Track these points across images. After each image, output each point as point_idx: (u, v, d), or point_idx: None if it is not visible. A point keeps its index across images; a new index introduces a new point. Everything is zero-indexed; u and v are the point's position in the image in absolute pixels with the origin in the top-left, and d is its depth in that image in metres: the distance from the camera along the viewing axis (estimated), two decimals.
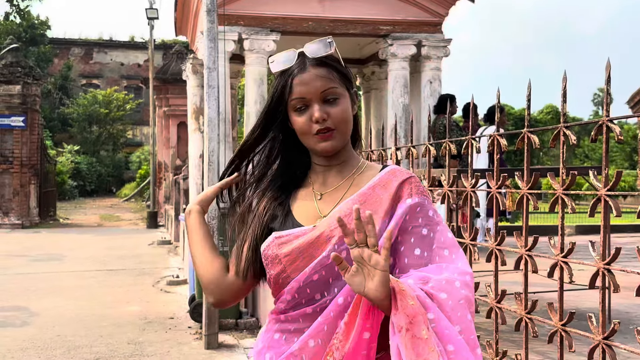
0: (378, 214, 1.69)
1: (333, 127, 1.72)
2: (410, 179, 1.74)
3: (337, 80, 1.76)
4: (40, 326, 7.43)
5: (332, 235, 1.67)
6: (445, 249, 1.69)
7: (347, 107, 1.76)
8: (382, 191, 1.72)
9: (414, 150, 4.24)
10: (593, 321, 2.64)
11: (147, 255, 13.80)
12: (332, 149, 1.74)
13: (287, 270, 1.70)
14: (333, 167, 1.82)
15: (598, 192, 2.58)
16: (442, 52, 10.24)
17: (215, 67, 6.65)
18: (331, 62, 1.78)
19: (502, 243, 3.26)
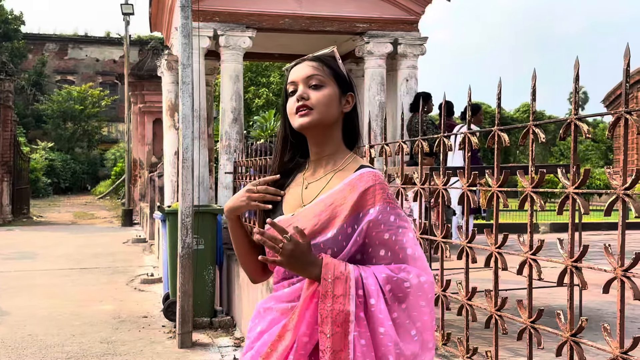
0: (339, 217, 1.93)
1: (311, 106, 1.97)
2: (374, 187, 1.95)
3: (326, 72, 2.03)
4: (11, 325, 7.35)
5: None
6: (408, 248, 1.94)
7: (329, 94, 2.01)
8: (347, 194, 1.95)
9: (388, 148, 4.26)
10: (561, 318, 2.68)
11: (121, 253, 13.72)
12: (307, 124, 1.97)
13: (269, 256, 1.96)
14: (322, 159, 2.06)
15: (566, 190, 2.61)
16: (418, 50, 10.27)
17: (189, 63, 6.62)
18: (327, 61, 2.06)
19: (474, 240, 3.29)
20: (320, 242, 1.92)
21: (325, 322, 1.81)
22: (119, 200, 29.63)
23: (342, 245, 1.92)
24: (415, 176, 3.78)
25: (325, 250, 1.92)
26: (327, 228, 1.93)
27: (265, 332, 1.99)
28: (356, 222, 1.91)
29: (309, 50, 8.62)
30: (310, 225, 1.94)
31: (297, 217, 1.98)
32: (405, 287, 1.87)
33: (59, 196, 36.08)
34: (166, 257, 7.47)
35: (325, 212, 1.94)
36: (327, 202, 1.96)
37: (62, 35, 48.10)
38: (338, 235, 1.91)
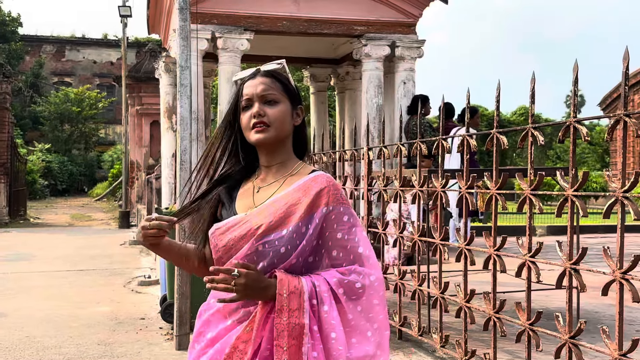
0: (294, 216, 2.00)
1: (267, 123, 2.07)
2: (329, 188, 2.04)
3: (279, 89, 2.12)
4: (8, 327, 7.33)
5: (255, 233, 2.01)
6: (359, 247, 2.03)
7: (284, 110, 2.10)
8: (302, 195, 2.03)
9: (386, 150, 4.27)
10: (560, 320, 2.68)
11: (118, 255, 13.68)
12: (264, 140, 2.08)
13: (223, 258, 2.06)
14: (273, 167, 2.15)
15: (565, 193, 2.61)
16: (415, 53, 10.29)
17: (187, 65, 6.62)
18: (279, 76, 2.15)
19: (472, 243, 3.29)
20: (275, 239, 1.99)
21: (282, 335, 1.89)
22: (116, 202, 29.59)
23: (296, 244, 1.99)
24: (413, 178, 3.79)
25: (279, 248, 1.99)
26: (283, 225, 2.00)
27: (218, 341, 2.05)
28: (310, 221, 2.00)
29: (307, 53, 8.70)
30: (265, 222, 2.00)
31: (250, 215, 2.05)
32: (357, 287, 1.97)
33: (56, 198, 36.00)
34: (163, 260, 7.46)
35: (280, 210, 2.01)
36: (281, 202, 2.03)
37: (59, 37, 48.04)
38: (293, 233, 1.99)
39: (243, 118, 2.11)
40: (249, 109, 2.10)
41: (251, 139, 2.09)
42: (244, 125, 2.11)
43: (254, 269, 1.94)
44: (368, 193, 4.69)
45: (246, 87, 2.12)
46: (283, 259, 1.99)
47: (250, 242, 2.00)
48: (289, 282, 1.93)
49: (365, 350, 1.94)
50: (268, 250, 1.99)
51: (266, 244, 1.99)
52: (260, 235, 2.00)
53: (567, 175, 2.67)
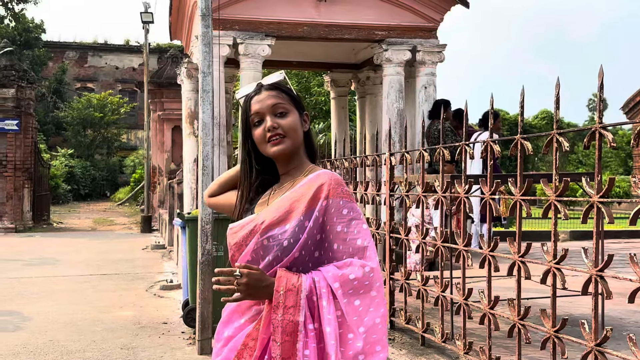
0: (296, 210, 2.08)
1: (283, 134, 2.14)
2: (329, 182, 2.10)
3: (286, 100, 2.19)
4: (33, 331, 7.40)
5: (259, 228, 2.10)
6: (358, 239, 2.06)
7: (295, 119, 2.18)
8: (306, 190, 2.11)
9: (408, 156, 4.25)
10: (586, 327, 2.65)
11: (140, 259, 13.77)
12: (282, 151, 2.16)
13: (235, 255, 2.17)
14: (289, 172, 2.23)
15: (591, 199, 2.59)
16: (437, 58, 10.26)
17: (210, 71, 6.65)
18: (282, 87, 2.22)
19: (496, 249, 3.27)
20: (279, 233, 2.07)
21: (277, 331, 1.95)
22: (138, 207, 29.77)
23: (299, 237, 2.05)
24: (436, 184, 3.77)
25: (282, 242, 2.05)
26: (286, 220, 2.08)
27: (232, 338, 2.14)
28: (311, 216, 2.06)
29: (327, 58, 8.73)
30: (269, 217, 2.09)
31: (259, 215, 2.15)
32: (351, 279, 1.99)
33: (79, 202, 36.30)
34: (185, 264, 7.49)
35: (284, 207, 2.10)
36: (286, 198, 2.12)
37: (82, 43, 48.49)
38: (296, 227, 2.05)
39: (256, 133, 2.18)
40: (260, 124, 2.17)
41: (269, 152, 2.17)
42: (259, 139, 2.17)
43: (256, 269, 2.02)
44: (390, 199, 4.68)
45: (254, 103, 2.18)
46: (287, 252, 2.06)
47: (255, 237, 2.10)
48: (287, 279, 1.99)
49: (356, 347, 1.95)
50: (272, 245, 2.07)
51: (270, 239, 2.07)
52: (264, 230, 2.08)
53: (593, 181, 2.65)
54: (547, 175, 3.03)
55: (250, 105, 2.19)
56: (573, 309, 5.81)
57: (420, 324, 4.24)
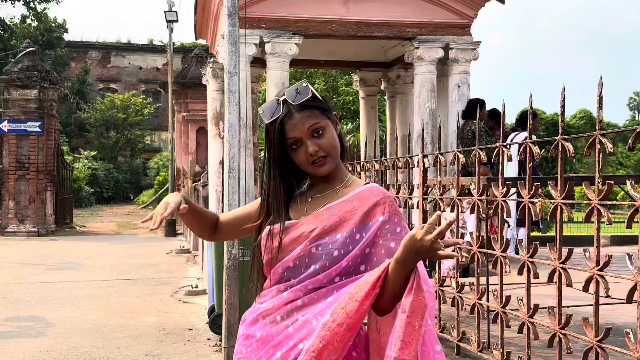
0: (348, 222, 2.11)
1: (325, 154, 2.18)
2: (385, 200, 2.14)
3: (319, 115, 2.20)
4: (56, 337, 7.49)
5: (309, 235, 2.13)
6: None
7: (332, 134, 2.21)
8: (357, 203, 2.15)
9: (442, 158, 4.23)
10: (631, 337, 2.61)
11: (165, 264, 13.87)
12: (328, 171, 2.21)
13: (274, 259, 2.19)
14: (326, 179, 2.26)
15: (636, 203, 2.55)
16: (470, 55, 10.19)
17: (236, 71, 6.67)
18: (310, 103, 2.20)
19: (535, 255, 3.24)
20: (329, 242, 2.11)
21: (417, 313, 1.89)
22: None
23: (349, 249, 2.09)
24: (472, 187, 3.74)
25: (332, 251, 2.10)
26: (336, 230, 2.12)
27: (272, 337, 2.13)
28: (364, 229, 2.10)
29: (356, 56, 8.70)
30: (320, 225, 2.13)
31: (303, 221, 2.19)
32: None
33: (102, 206, 36.68)
34: (211, 269, 7.53)
35: (334, 216, 2.14)
36: (336, 209, 2.16)
37: (105, 43, 48.96)
38: (347, 238, 2.09)
39: (297, 157, 2.20)
40: (299, 147, 2.18)
41: (315, 173, 2.21)
42: (302, 163, 2.20)
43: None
44: (423, 202, 4.66)
45: (290, 130, 2.17)
46: (334, 262, 2.08)
47: (303, 243, 2.13)
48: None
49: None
50: (321, 253, 2.11)
51: (319, 247, 2.11)
52: (315, 238, 2.12)
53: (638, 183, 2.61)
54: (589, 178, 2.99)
55: (284, 130, 2.19)
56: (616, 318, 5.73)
57: (455, 332, 4.21)
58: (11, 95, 20.59)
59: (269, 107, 2.23)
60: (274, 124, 2.20)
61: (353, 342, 2.06)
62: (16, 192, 20.62)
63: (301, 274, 2.13)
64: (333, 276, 2.08)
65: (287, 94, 2.21)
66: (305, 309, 2.09)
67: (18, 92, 20.55)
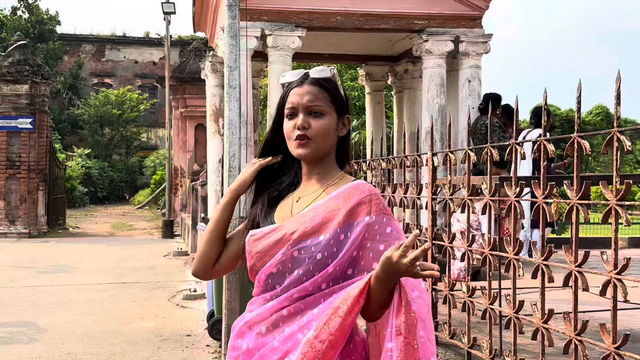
0: (332, 222, 2.07)
1: (310, 137, 2.15)
2: (371, 197, 2.10)
3: (326, 100, 2.18)
4: (48, 343, 7.50)
5: (290, 238, 2.09)
6: None
7: (328, 124, 2.18)
8: (342, 202, 2.10)
9: (452, 156, 4.23)
10: None
11: (162, 267, 13.89)
12: (305, 155, 2.18)
13: (257, 265, 2.17)
14: (313, 176, 2.23)
15: None
16: (481, 49, 10.19)
17: (236, 65, 6.68)
18: (327, 85, 2.20)
19: (550, 258, 3.23)
20: (312, 245, 2.06)
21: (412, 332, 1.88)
22: (158, 211, 30.04)
23: (333, 251, 2.04)
24: (483, 187, 3.74)
25: (315, 254, 2.05)
26: (320, 231, 2.07)
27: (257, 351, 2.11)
28: (349, 229, 2.05)
29: (362, 50, 8.73)
30: (301, 227, 2.08)
31: (288, 223, 2.14)
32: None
33: (96, 206, 36.74)
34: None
35: (317, 217, 2.09)
36: (319, 209, 2.11)
37: (99, 36, 49.00)
38: (330, 239, 2.05)
39: (285, 126, 2.20)
40: (292, 118, 2.18)
41: (293, 152, 2.19)
42: (287, 134, 2.19)
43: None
44: (432, 202, 4.66)
45: (292, 95, 2.19)
46: (319, 266, 2.04)
47: (285, 247, 2.09)
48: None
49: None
50: (304, 257, 2.06)
51: (302, 250, 2.06)
52: (296, 241, 2.08)
53: None
54: (606, 177, 2.99)
55: (287, 95, 2.21)
56: (634, 324, 5.72)
57: (466, 339, 4.21)
58: (1, 91, 20.60)
59: (291, 74, 2.25)
60: (284, 88, 2.24)
61: (349, 350, 2.05)
62: (6, 191, 20.64)
63: (285, 280, 2.09)
64: (319, 282, 2.05)
65: (312, 70, 2.23)
66: (292, 320, 2.07)
67: (8, 87, 20.56)
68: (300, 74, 2.23)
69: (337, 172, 2.24)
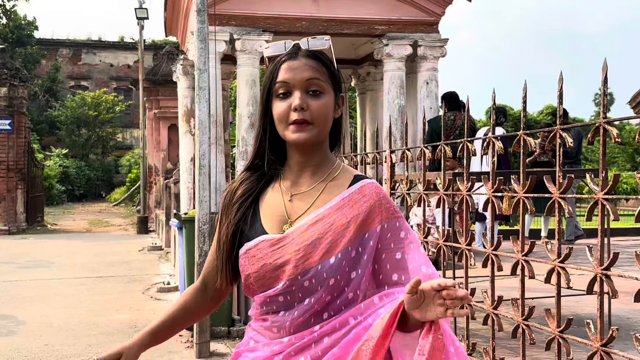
0: (343, 240, 1.74)
1: (310, 120, 1.75)
2: (380, 201, 1.80)
3: (325, 75, 1.80)
4: (27, 335, 7.41)
5: (298, 265, 1.73)
6: (422, 266, 1.76)
7: (329, 103, 1.79)
8: (349, 212, 1.77)
9: (409, 153, 4.25)
10: (591, 328, 2.66)
11: (137, 261, 13.78)
12: (304, 141, 1.77)
13: (254, 285, 1.80)
14: (307, 168, 1.85)
15: (595, 196, 2.59)
16: (438, 52, 10.27)
17: (206, 68, 6.65)
18: (324, 58, 1.82)
19: (499, 248, 3.28)
20: (322, 270, 1.71)
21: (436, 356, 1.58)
22: (134, 208, 29.79)
23: (345, 272, 1.72)
24: (437, 182, 3.78)
25: (328, 280, 1.71)
26: (329, 254, 1.73)
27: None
28: (361, 244, 1.75)
29: None
30: (310, 250, 1.74)
31: (290, 238, 1.77)
32: None
33: (74, 204, 36.33)
34: (183, 265, 7.50)
35: (327, 233, 1.74)
36: (326, 221, 1.76)
37: (75, 41, 48.48)
38: (342, 260, 1.72)
39: (277, 107, 1.78)
40: (286, 98, 1.77)
41: (288, 138, 1.78)
42: (279, 117, 1.78)
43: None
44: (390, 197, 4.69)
45: (286, 70, 1.77)
46: (334, 292, 1.72)
47: (293, 275, 1.73)
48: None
49: None
50: (316, 286, 1.71)
51: (313, 279, 1.71)
52: (305, 269, 1.72)
53: (597, 177, 2.65)
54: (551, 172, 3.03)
55: (278, 69, 1.79)
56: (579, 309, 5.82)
57: None
58: None
59: (276, 44, 1.86)
60: (273, 62, 1.82)
61: None
62: None
63: (294, 308, 1.74)
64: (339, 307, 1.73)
65: (303, 40, 1.83)
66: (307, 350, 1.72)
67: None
68: (286, 44, 1.83)
69: (333, 162, 1.87)
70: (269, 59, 1.86)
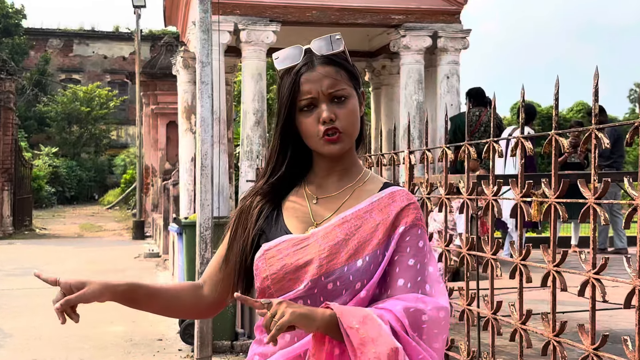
0: (371, 243, 1.80)
1: (341, 130, 1.81)
2: (409, 207, 1.85)
3: (346, 79, 1.85)
4: (13, 349, 7.44)
5: (322, 266, 1.77)
6: (427, 284, 1.81)
7: (355, 108, 1.86)
8: (378, 216, 1.84)
9: (429, 154, 4.24)
10: (629, 345, 2.64)
11: (132, 269, 13.81)
12: (338, 152, 1.84)
13: (272, 288, 1.82)
14: (334, 173, 1.92)
15: (634, 201, 2.57)
16: (460, 44, 10.24)
17: (208, 61, 6.65)
18: (340, 60, 1.88)
19: (528, 257, 3.26)
20: (348, 273, 1.77)
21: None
22: (129, 211, 29.87)
23: (372, 276, 1.78)
24: (461, 185, 3.77)
25: (354, 283, 1.76)
26: (356, 256, 1.78)
27: None
28: (387, 247, 1.81)
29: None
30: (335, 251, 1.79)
31: (314, 238, 1.82)
32: (423, 320, 1.75)
33: (64, 206, 36.44)
34: (182, 274, 7.52)
35: (354, 235, 1.80)
36: (353, 223, 1.83)
37: (66, 30, 48.58)
38: (370, 264, 1.78)
39: (305, 122, 1.83)
40: (311, 111, 1.82)
41: (322, 151, 1.84)
42: (309, 132, 1.83)
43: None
44: None
45: (306, 83, 1.82)
46: (353, 294, 1.77)
47: (314, 278, 1.77)
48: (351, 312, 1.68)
49: None
50: (340, 289, 1.77)
51: (337, 281, 1.76)
52: (330, 270, 1.77)
53: (636, 180, 2.64)
54: (585, 175, 3.03)
55: (299, 82, 1.83)
56: (614, 324, 5.79)
57: None
58: None
59: (286, 53, 1.89)
60: (289, 74, 1.85)
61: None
62: None
63: None
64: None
65: (313, 44, 1.87)
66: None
67: None
68: (301, 52, 1.86)
69: (361, 168, 1.94)
70: (282, 70, 1.89)
